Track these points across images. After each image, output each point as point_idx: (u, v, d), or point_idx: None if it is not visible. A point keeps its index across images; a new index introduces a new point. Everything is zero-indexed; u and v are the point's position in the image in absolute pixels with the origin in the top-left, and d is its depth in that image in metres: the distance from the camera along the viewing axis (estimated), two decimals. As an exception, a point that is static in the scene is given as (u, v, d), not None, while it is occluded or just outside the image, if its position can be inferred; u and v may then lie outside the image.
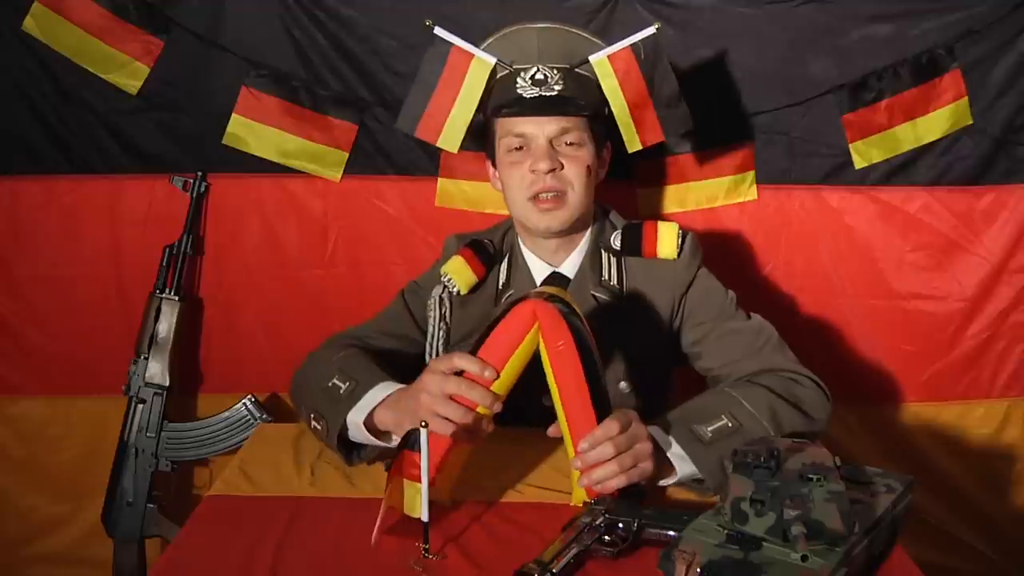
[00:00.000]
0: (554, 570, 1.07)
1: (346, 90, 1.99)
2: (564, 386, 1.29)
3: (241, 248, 2.07)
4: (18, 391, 2.12)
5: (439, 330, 1.60)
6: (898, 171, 2.00)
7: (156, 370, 2.00)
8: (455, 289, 1.60)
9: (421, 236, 2.05)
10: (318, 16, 1.95)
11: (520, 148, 1.56)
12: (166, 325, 2.01)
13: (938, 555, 2.10)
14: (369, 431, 1.38)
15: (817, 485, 1.00)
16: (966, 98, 1.95)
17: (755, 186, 2.02)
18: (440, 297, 1.59)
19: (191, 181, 2.01)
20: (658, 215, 2.03)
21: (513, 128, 1.55)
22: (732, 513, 1.03)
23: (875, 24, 1.93)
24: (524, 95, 1.54)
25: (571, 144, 1.55)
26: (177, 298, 2.01)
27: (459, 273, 1.60)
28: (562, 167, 1.54)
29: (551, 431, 1.37)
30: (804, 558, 0.98)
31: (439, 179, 2.01)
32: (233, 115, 1.98)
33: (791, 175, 2.02)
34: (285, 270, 2.07)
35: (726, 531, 1.03)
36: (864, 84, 1.95)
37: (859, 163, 1.98)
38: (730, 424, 1.36)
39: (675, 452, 1.33)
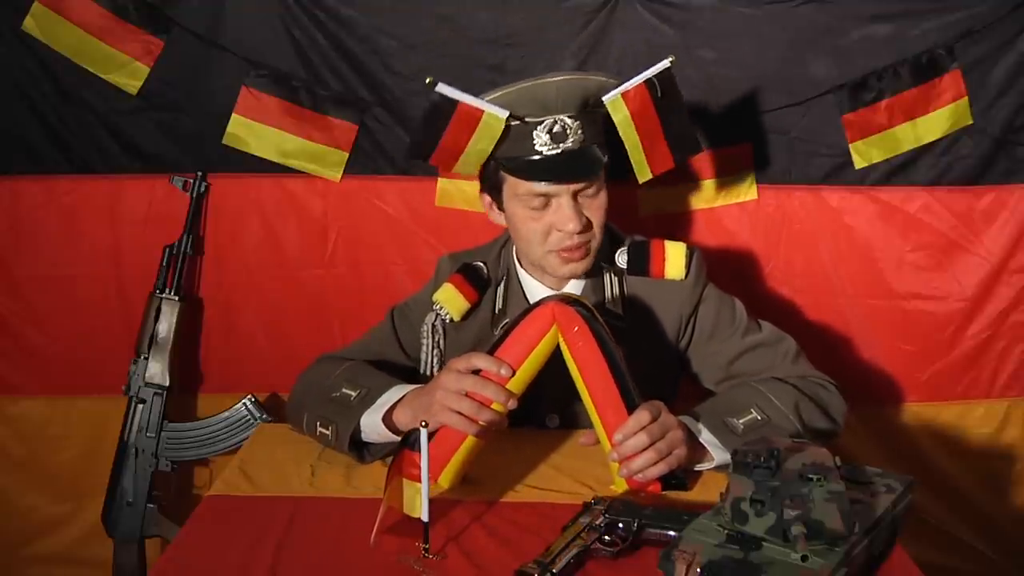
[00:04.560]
0: (554, 570, 1.08)
1: (346, 90, 1.99)
2: (591, 381, 1.33)
3: (241, 248, 2.06)
4: (18, 391, 2.12)
5: (432, 357, 1.60)
6: (898, 171, 2.00)
7: (156, 370, 2.00)
8: (447, 317, 1.59)
9: (421, 236, 2.04)
10: (318, 16, 1.95)
11: (541, 204, 1.50)
12: (166, 325, 2.01)
13: (938, 555, 2.10)
14: (389, 430, 1.40)
15: (817, 485, 1.00)
16: (966, 98, 1.95)
17: (755, 186, 2.01)
18: (432, 325, 1.59)
19: (191, 181, 2.01)
20: (658, 215, 2.03)
21: (534, 188, 1.48)
22: (732, 513, 1.03)
23: (875, 24, 1.93)
24: (545, 152, 1.47)
25: (591, 192, 1.50)
26: (177, 298, 2.01)
27: (450, 301, 1.59)
28: (589, 223, 1.50)
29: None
30: (804, 558, 0.98)
31: (439, 179, 2.01)
32: (233, 115, 1.97)
33: (791, 175, 2.01)
34: (285, 270, 2.07)
35: (726, 531, 1.03)
36: (864, 84, 1.95)
37: (859, 163, 1.98)
38: (759, 418, 1.41)
39: (707, 439, 1.37)
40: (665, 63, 1.52)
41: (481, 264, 1.65)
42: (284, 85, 1.97)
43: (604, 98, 1.50)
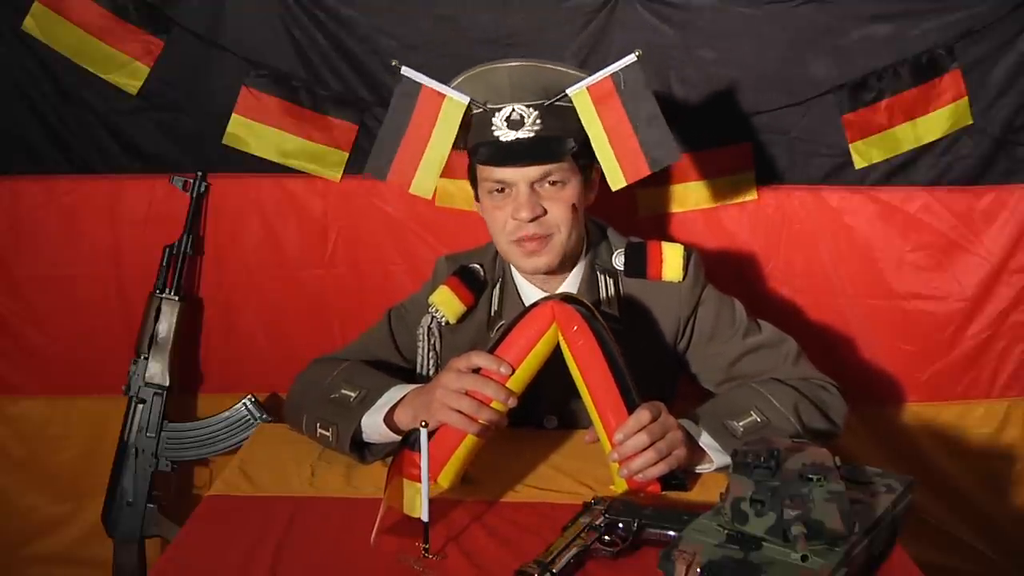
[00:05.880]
0: (554, 570, 1.07)
1: (346, 90, 1.99)
2: (590, 381, 1.33)
3: (241, 248, 2.06)
4: (18, 391, 2.12)
5: (428, 359, 1.60)
6: (898, 171, 2.00)
7: (156, 370, 2.00)
8: (443, 319, 1.59)
9: (421, 236, 2.05)
10: (318, 16, 1.95)
11: (501, 190, 1.51)
12: (166, 325, 2.01)
13: (938, 555, 2.10)
14: (390, 430, 1.40)
15: (817, 485, 1.00)
16: (966, 98, 1.95)
17: (755, 186, 2.01)
18: (428, 327, 1.60)
19: (191, 181, 2.01)
20: (657, 215, 2.03)
21: (492, 174, 1.50)
22: (732, 513, 1.03)
23: (875, 24, 1.93)
24: (501, 139, 1.48)
25: (554, 184, 1.50)
26: (177, 298, 2.01)
27: (446, 304, 1.59)
28: (545, 212, 1.49)
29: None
30: (804, 558, 0.98)
31: (439, 179, 2.01)
32: (233, 115, 1.98)
33: (791, 175, 2.01)
34: (285, 270, 2.07)
35: (726, 531, 1.03)
36: (864, 84, 1.95)
37: (859, 163, 1.98)
38: (759, 420, 1.41)
39: (707, 442, 1.38)
40: (631, 57, 1.50)
41: (478, 266, 1.65)
42: (284, 85, 1.98)
43: (569, 91, 1.50)
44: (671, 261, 1.57)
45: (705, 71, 1.96)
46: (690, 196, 2.03)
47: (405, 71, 1.53)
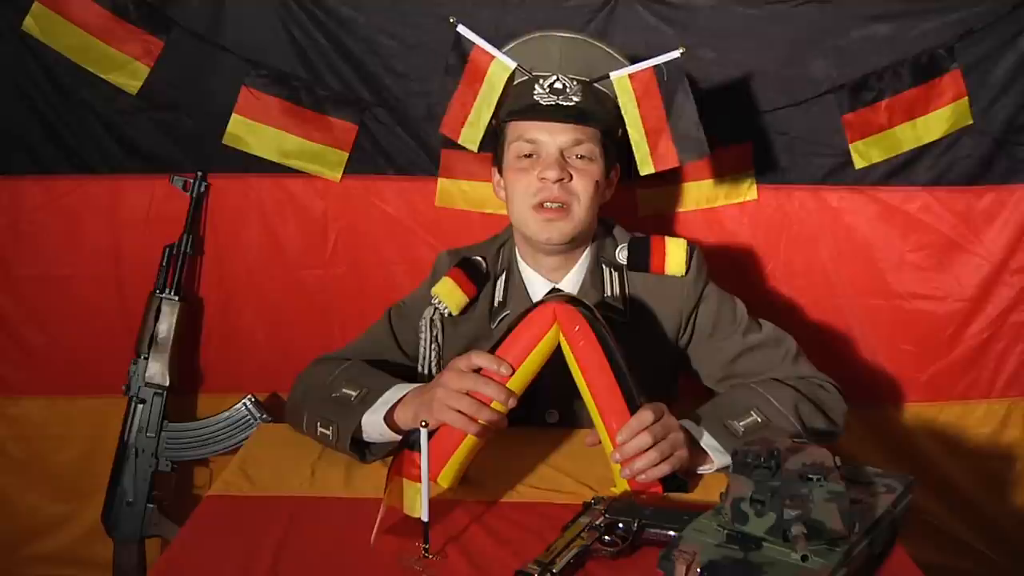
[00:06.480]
0: (554, 570, 1.07)
1: (346, 90, 1.99)
2: (592, 381, 1.33)
3: (241, 248, 2.06)
4: (18, 391, 2.12)
5: (431, 351, 1.61)
6: (898, 171, 2.00)
7: (156, 370, 2.00)
8: (445, 311, 1.60)
9: (421, 236, 2.05)
10: (318, 16, 1.95)
11: (530, 156, 1.54)
12: (166, 325, 2.01)
13: (938, 555, 2.10)
14: (390, 429, 1.40)
15: (817, 485, 1.00)
16: (966, 98, 1.95)
17: (755, 186, 2.02)
18: (431, 319, 1.60)
19: (191, 181, 2.01)
20: (658, 215, 2.03)
21: (525, 133, 1.54)
22: (732, 513, 1.03)
23: (875, 24, 1.93)
24: (541, 102, 1.53)
25: (582, 157, 1.53)
26: (177, 298, 2.01)
27: (449, 295, 1.59)
28: (570, 178, 1.52)
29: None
30: (804, 558, 0.98)
31: (439, 179, 2.01)
32: (233, 115, 1.98)
33: (791, 175, 2.02)
34: (285, 270, 2.07)
35: (726, 531, 1.03)
36: (864, 84, 1.95)
37: (859, 163, 1.98)
38: (759, 420, 1.42)
39: (708, 443, 1.38)
40: (675, 53, 1.58)
41: (480, 259, 1.65)
42: (284, 85, 1.98)
43: (612, 74, 1.55)
44: (674, 255, 1.58)
45: (705, 71, 1.96)
46: (691, 196, 2.03)
47: (460, 29, 1.62)
